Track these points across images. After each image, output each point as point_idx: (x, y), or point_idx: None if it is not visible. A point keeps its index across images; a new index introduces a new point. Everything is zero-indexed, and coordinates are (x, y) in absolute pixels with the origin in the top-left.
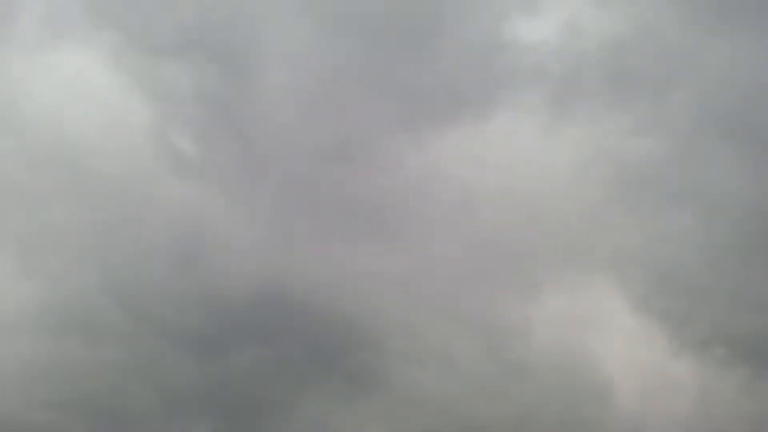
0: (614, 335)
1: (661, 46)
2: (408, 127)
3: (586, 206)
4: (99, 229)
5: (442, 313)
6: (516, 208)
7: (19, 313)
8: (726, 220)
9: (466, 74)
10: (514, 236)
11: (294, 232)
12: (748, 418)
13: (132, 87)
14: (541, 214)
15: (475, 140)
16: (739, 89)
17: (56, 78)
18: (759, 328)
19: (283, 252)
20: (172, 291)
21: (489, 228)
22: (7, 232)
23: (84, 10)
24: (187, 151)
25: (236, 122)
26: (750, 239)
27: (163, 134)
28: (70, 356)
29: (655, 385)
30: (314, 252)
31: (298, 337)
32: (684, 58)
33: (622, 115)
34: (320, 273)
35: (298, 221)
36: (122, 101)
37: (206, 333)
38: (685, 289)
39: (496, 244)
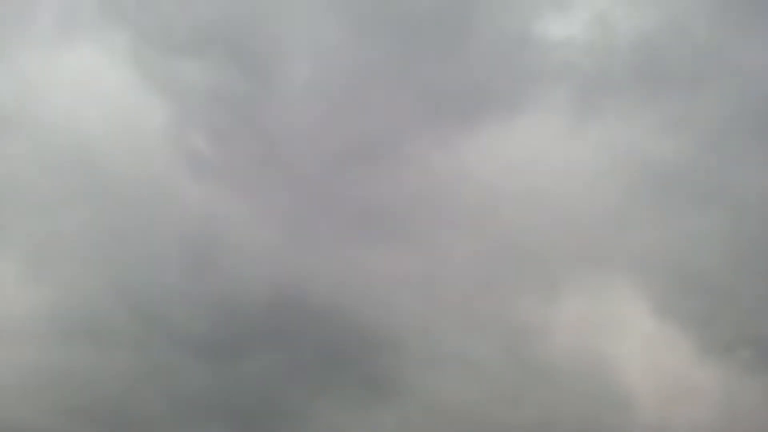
0: (636, 339)
1: (690, 43)
2: (433, 127)
3: (610, 206)
4: (111, 233)
5: (462, 317)
6: (539, 208)
7: (30, 318)
8: (753, 220)
9: (493, 73)
10: (536, 237)
11: (312, 235)
12: None
13: (147, 86)
14: (564, 215)
15: (501, 140)
16: None
17: (70, 78)
18: None
19: (300, 255)
20: (186, 295)
21: (511, 229)
22: (18, 237)
23: (98, 9)
24: (204, 152)
25: (255, 122)
26: None
27: (179, 134)
28: (80, 362)
29: (677, 390)
30: (332, 255)
31: (314, 342)
32: (713, 56)
33: (650, 114)
34: (338, 276)
35: (317, 223)
36: (137, 101)
37: (220, 337)
38: (709, 290)
39: (518, 245)
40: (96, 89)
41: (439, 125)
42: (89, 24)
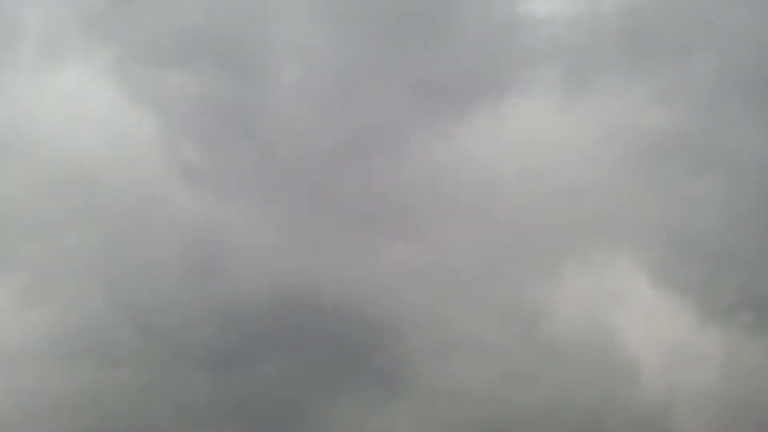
0: (639, 309)
1: (678, 11)
2: (427, 116)
3: (606, 180)
4: (110, 250)
5: (470, 302)
6: (537, 187)
7: (34, 341)
8: (748, 184)
9: (482, 56)
10: (537, 217)
11: (314, 234)
12: None
13: (136, 100)
14: (561, 192)
15: (496, 122)
16: (759, 53)
17: (59, 97)
18: None
19: (303, 254)
20: (190, 307)
21: (512, 211)
22: (17, 260)
23: (81, 27)
24: (198, 161)
25: (249, 126)
26: None
27: (171, 145)
28: (87, 382)
29: (681, 355)
30: (336, 252)
31: (325, 340)
32: (701, 24)
33: (641, 85)
34: (343, 272)
35: (318, 222)
36: (127, 116)
37: (228, 345)
38: (708, 257)
39: (520, 227)
40: (85, 107)
41: (433, 114)
42: (73, 43)
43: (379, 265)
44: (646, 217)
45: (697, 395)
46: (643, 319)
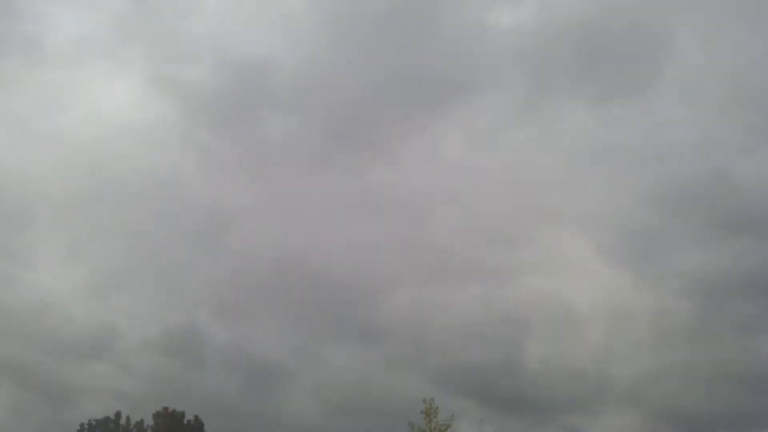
0: (584, 277)
1: (624, 25)
2: (406, 113)
3: (560, 170)
4: (135, 220)
5: (439, 272)
6: (500, 175)
7: (70, 290)
8: (675, 179)
9: (455, 61)
10: (499, 202)
11: (307, 212)
12: (699, 341)
13: (157, 92)
14: (523, 179)
15: (466, 119)
16: (693, 60)
17: (91, 89)
18: (707, 261)
19: (298, 230)
20: (204, 268)
21: (477, 197)
22: (59, 226)
23: (110, 27)
24: (210, 146)
25: (253, 117)
26: (701, 192)
27: (187, 132)
28: (119, 327)
29: (619, 315)
30: (326, 228)
31: (315, 299)
32: (644, 35)
33: (591, 87)
34: (331, 245)
35: (311, 202)
36: (149, 105)
37: (236, 302)
38: (643, 235)
39: (484, 211)
40: (113, 97)
41: (411, 111)
42: (103, 41)
43: (361, 239)
44: (593, 202)
45: (632, 349)
46: (587, 284)
